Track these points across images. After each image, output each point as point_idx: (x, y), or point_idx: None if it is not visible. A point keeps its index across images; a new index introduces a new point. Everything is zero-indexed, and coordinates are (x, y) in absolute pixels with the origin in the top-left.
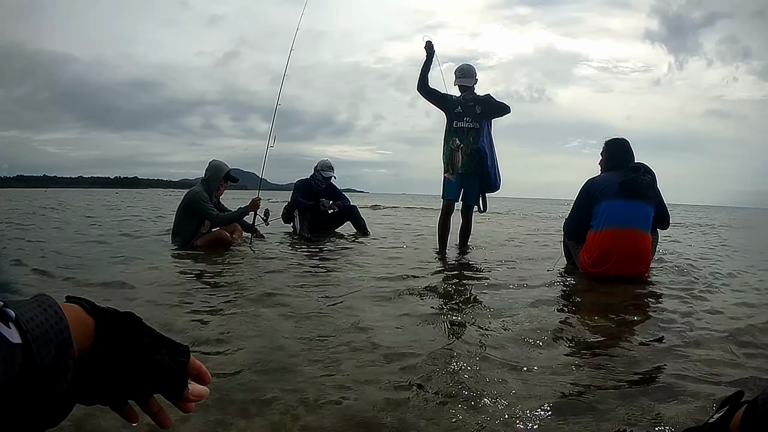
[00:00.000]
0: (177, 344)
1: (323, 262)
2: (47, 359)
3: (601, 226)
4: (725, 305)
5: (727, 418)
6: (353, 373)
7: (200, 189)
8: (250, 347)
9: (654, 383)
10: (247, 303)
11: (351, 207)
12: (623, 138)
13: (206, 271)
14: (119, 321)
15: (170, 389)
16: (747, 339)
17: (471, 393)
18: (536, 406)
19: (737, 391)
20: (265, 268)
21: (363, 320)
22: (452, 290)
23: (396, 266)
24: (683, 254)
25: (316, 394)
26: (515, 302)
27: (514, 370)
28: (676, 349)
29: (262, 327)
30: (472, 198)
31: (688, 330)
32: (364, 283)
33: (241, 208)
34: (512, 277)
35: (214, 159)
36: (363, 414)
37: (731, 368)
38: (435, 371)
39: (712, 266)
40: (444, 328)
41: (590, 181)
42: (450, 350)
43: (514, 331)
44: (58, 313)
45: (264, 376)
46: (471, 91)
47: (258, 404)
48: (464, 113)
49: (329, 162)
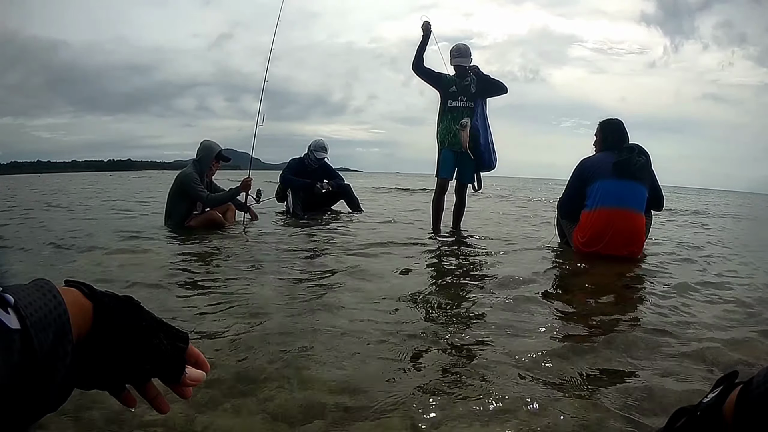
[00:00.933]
0: (176, 330)
1: (315, 241)
2: (46, 344)
3: (594, 205)
4: (721, 285)
5: (722, 399)
6: (346, 349)
7: (191, 170)
8: (242, 324)
9: (648, 364)
10: (239, 281)
11: (344, 185)
12: (617, 119)
13: (198, 251)
14: (117, 305)
15: (167, 373)
16: (743, 318)
17: (463, 374)
18: (526, 386)
19: (732, 371)
20: (257, 248)
21: (355, 296)
22: (444, 269)
23: (388, 244)
24: (676, 236)
25: (308, 370)
26: (507, 281)
27: (504, 351)
28: (670, 329)
29: (253, 304)
30: (467, 176)
31: (683, 310)
32: (355, 260)
33: (233, 189)
34: (505, 256)
35: (205, 139)
36: (357, 388)
37: (727, 348)
38: (428, 347)
39: (706, 248)
40: (436, 306)
41: (584, 161)
42: (442, 328)
43: (504, 310)
44: (57, 298)
45: (255, 352)
46: (470, 69)
47: (249, 381)
48: (459, 92)
49: (323, 142)
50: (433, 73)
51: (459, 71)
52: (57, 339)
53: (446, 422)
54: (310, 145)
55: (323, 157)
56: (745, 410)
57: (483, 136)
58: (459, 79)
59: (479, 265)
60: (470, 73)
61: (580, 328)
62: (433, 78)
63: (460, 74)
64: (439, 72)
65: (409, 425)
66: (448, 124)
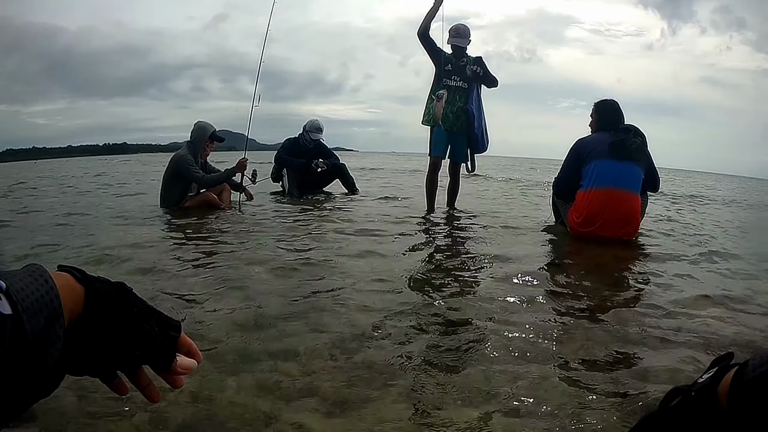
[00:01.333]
0: (168, 318)
1: (311, 221)
2: (38, 329)
3: (590, 185)
4: (715, 266)
5: (716, 380)
6: (343, 330)
7: (185, 152)
8: (238, 306)
9: (643, 344)
10: (235, 262)
11: (340, 165)
12: (613, 99)
13: (194, 233)
14: (109, 289)
15: (158, 360)
16: (740, 297)
17: (459, 356)
18: (522, 367)
19: (727, 353)
20: (253, 228)
21: (351, 277)
22: (438, 248)
23: (382, 223)
24: (672, 217)
25: (306, 350)
26: (499, 260)
27: (499, 332)
28: (666, 310)
29: (249, 286)
30: (459, 156)
31: (678, 291)
32: (351, 240)
33: (228, 170)
34: (498, 235)
35: (199, 120)
36: (354, 370)
37: (722, 329)
38: (424, 328)
39: (701, 230)
40: (429, 285)
41: (580, 141)
42: (435, 307)
43: (499, 291)
44: (48, 282)
45: (253, 333)
46: (463, 50)
47: (248, 361)
48: (453, 72)
49: (318, 123)
50: (435, 46)
51: (456, 51)
52: (49, 323)
53: (443, 405)
54: (305, 126)
55: (318, 138)
56: (740, 392)
57: (477, 118)
58: (455, 59)
59: (472, 244)
60: (468, 55)
61: (573, 307)
62: (433, 50)
63: (457, 54)
64: (439, 47)
65: (408, 407)
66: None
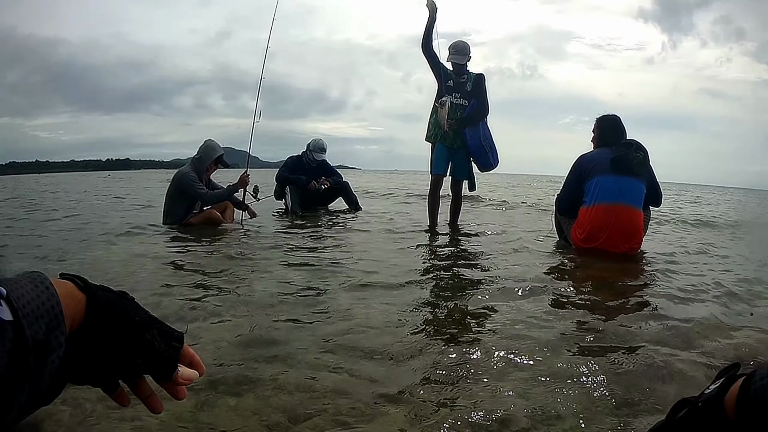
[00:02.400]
0: (171, 329)
1: (313, 238)
2: (38, 336)
3: (593, 201)
4: (720, 279)
5: (723, 391)
6: (344, 348)
7: (189, 169)
8: (241, 321)
9: (649, 358)
10: (236, 279)
11: (343, 183)
12: (615, 114)
13: (197, 249)
14: (111, 298)
15: (160, 370)
16: (743, 310)
17: (463, 371)
18: (527, 382)
19: (734, 363)
20: (256, 245)
21: (352, 294)
22: (439, 265)
23: (384, 240)
24: (674, 230)
25: (307, 369)
26: (502, 275)
27: (503, 346)
28: (671, 323)
29: (252, 303)
30: (461, 173)
31: (683, 304)
32: (353, 256)
33: (230, 186)
34: (500, 251)
35: (209, 139)
36: (354, 390)
37: (728, 341)
38: (427, 347)
39: (704, 242)
40: (431, 302)
41: (582, 157)
42: (438, 324)
43: (504, 308)
44: (49, 290)
45: (253, 351)
46: (464, 67)
47: (248, 381)
48: (455, 88)
49: (322, 143)
50: (437, 60)
51: (456, 68)
52: (50, 330)
53: (448, 424)
54: (309, 144)
55: (322, 158)
56: (747, 403)
57: (476, 136)
58: (456, 76)
59: (473, 260)
60: (469, 72)
61: (577, 320)
62: (436, 65)
63: (458, 71)
64: (442, 63)
65: (412, 425)
66: (439, 117)
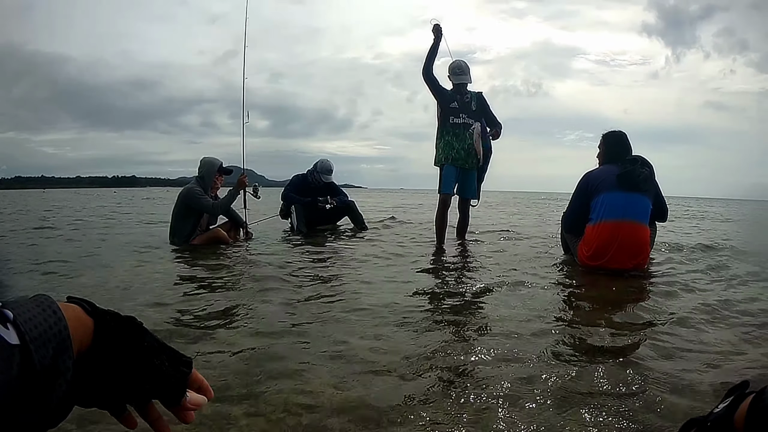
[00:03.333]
0: (180, 354)
1: (318, 257)
2: (46, 360)
3: (599, 218)
4: (727, 296)
5: (733, 409)
6: (350, 369)
7: (193, 185)
8: (247, 342)
9: (657, 377)
10: (244, 298)
11: (349, 202)
12: (620, 130)
13: (203, 269)
14: (119, 323)
15: (168, 395)
16: (751, 330)
17: (470, 388)
18: (534, 401)
19: (743, 381)
20: (261, 264)
21: (357, 314)
22: (445, 282)
23: (390, 258)
24: (681, 243)
25: (316, 386)
26: (512, 296)
27: (511, 364)
28: (679, 342)
29: (259, 320)
30: (469, 192)
31: (690, 322)
32: (358, 274)
33: (231, 190)
34: (510, 270)
35: (204, 156)
36: (364, 406)
37: (736, 361)
38: (435, 365)
39: (713, 258)
40: (436, 323)
41: (588, 174)
42: (443, 346)
43: (510, 325)
44: (57, 314)
45: (262, 367)
46: (465, 87)
47: (256, 397)
48: (460, 109)
49: (329, 164)
50: (438, 85)
51: (456, 88)
52: (57, 354)
53: None
54: (316, 164)
55: (330, 180)
56: (756, 420)
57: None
58: (460, 96)
59: (480, 277)
60: (470, 91)
61: (585, 341)
62: (437, 90)
63: (459, 91)
64: (442, 86)
65: None
66: (449, 140)
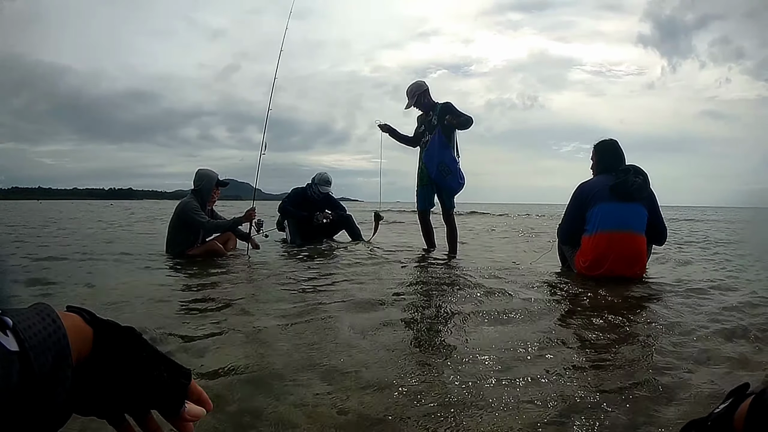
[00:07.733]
0: (178, 366)
1: (314, 269)
2: (45, 367)
3: (595, 229)
4: (726, 303)
5: (732, 409)
6: (352, 380)
7: (190, 199)
8: (245, 356)
9: (656, 384)
10: (240, 311)
11: (346, 216)
12: (612, 139)
13: (199, 281)
14: (118, 333)
15: (166, 406)
16: (751, 337)
17: (469, 400)
18: (535, 410)
19: (743, 383)
20: (257, 277)
21: (353, 326)
22: (441, 293)
23: (384, 267)
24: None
25: (313, 401)
26: (508, 306)
27: (510, 373)
28: (678, 349)
29: (254, 334)
30: (445, 202)
31: (690, 329)
32: (353, 286)
33: (235, 218)
34: (504, 280)
35: (200, 168)
36: (362, 421)
37: (736, 367)
38: (433, 378)
39: (711, 264)
40: (433, 334)
41: (582, 186)
42: (445, 356)
43: (509, 335)
44: (56, 322)
45: (257, 384)
46: (427, 105)
47: (253, 415)
48: (426, 130)
49: (327, 176)
50: (413, 139)
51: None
52: (56, 362)
53: None
54: (314, 177)
55: (327, 191)
56: (756, 420)
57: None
58: (425, 116)
59: (476, 289)
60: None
61: (583, 348)
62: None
63: (424, 111)
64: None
65: None
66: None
